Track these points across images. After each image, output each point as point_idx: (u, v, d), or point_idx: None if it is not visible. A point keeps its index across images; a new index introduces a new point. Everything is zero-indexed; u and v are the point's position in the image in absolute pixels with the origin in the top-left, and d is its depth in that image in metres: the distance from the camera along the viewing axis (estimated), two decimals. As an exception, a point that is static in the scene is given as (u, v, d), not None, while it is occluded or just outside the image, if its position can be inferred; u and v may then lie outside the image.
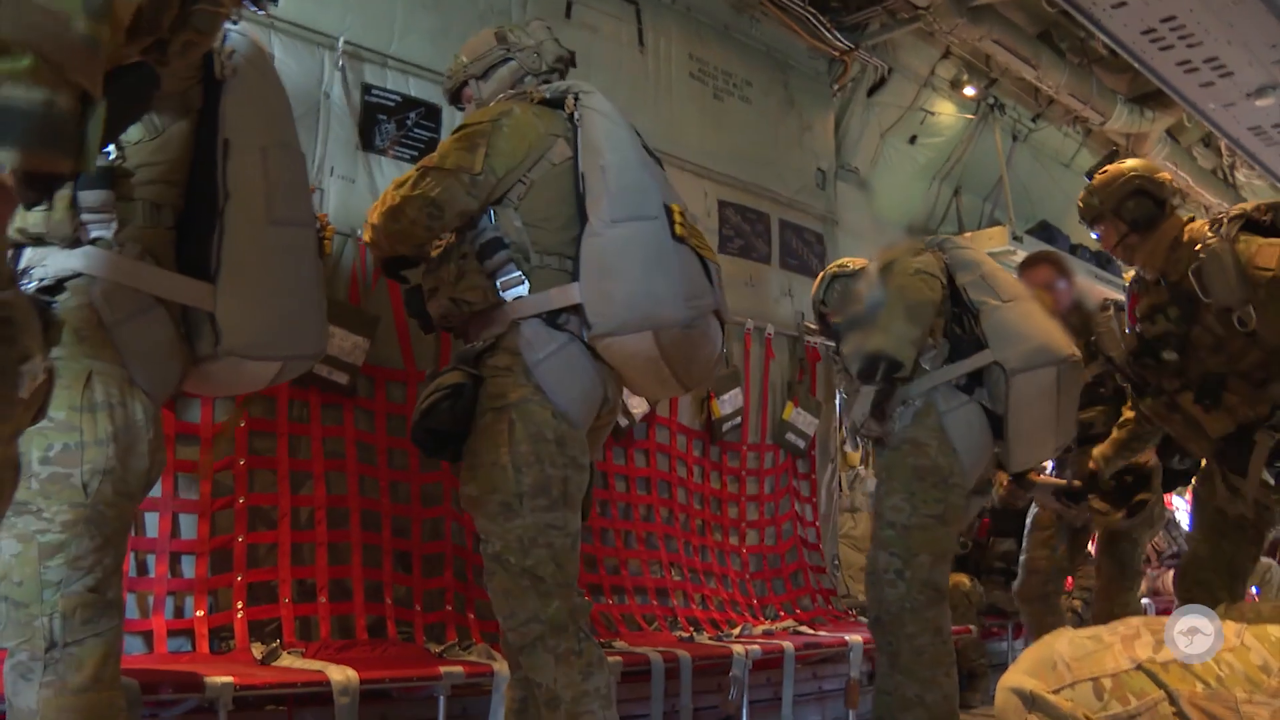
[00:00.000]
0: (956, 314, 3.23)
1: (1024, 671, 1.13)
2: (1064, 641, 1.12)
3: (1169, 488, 4.30)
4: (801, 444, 4.92)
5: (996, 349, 3.10)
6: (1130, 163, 3.54)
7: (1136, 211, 3.37)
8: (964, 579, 5.23)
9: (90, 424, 1.81)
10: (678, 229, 2.38)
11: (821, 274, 4.13)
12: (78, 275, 1.85)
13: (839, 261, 4.16)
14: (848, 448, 5.50)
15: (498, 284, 2.39)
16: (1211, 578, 3.50)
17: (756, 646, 3.74)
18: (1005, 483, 5.01)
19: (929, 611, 3.01)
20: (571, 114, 2.50)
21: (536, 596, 2.26)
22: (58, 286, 1.84)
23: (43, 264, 1.84)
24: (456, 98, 2.79)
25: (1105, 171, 3.51)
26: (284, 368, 2.15)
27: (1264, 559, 7.02)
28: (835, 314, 3.88)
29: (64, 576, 1.77)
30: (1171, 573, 6.89)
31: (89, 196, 1.85)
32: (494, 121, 2.44)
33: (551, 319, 2.38)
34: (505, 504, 2.30)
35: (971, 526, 5.56)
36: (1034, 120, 6.71)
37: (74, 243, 1.85)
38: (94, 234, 1.87)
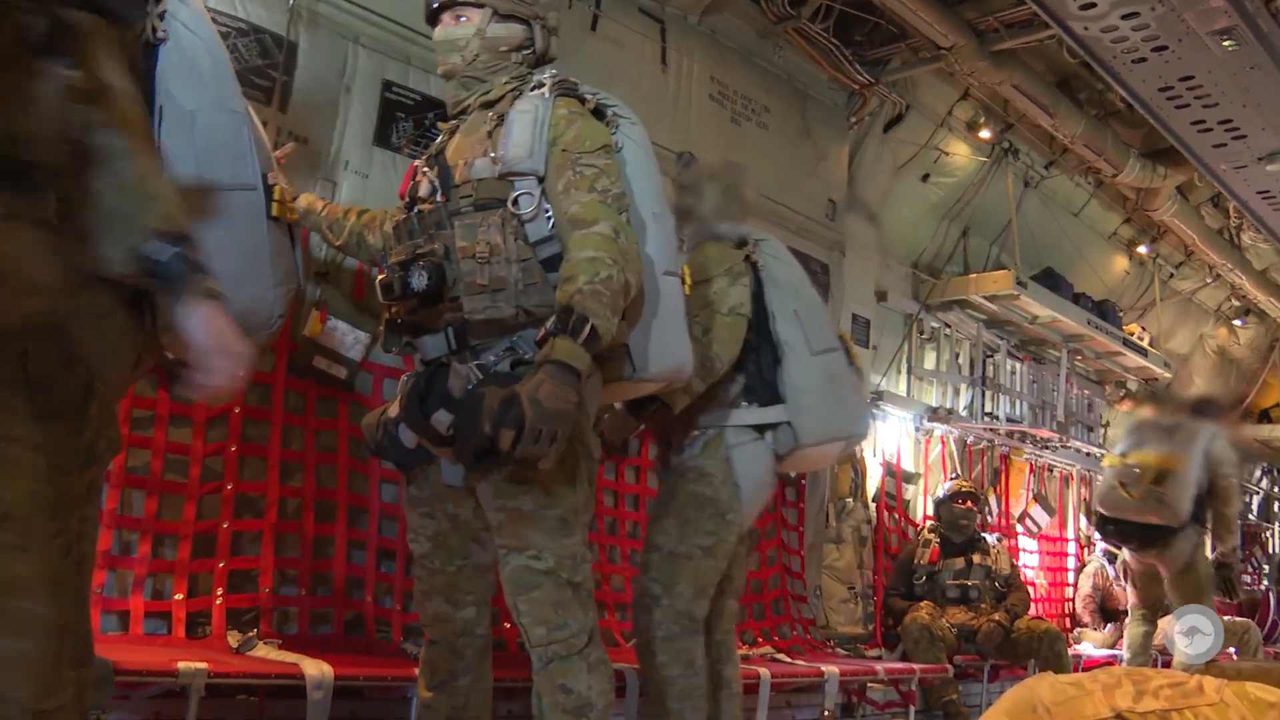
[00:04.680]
0: (756, 345, 3.02)
1: (1003, 713, 1.14)
2: (1045, 686, 1.12)
3: None
4: (792, 472, 4.90)
5: (793, 413, 3.00)
6: None
7: None
8: (924, 614, 5.19)
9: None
10: None
11: None
12: None
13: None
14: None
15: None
16: None
17: (733, 671, 3.72)
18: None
19: (681, 642, 2.89)
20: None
21: (581, 608, 2.25)
22: None
23: None
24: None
25: None
26: None
27: (1241, 620, 7.01)
28: None
29: None
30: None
31: None
32: None
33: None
34: (564, 520, 2.25)
35: (920, 555, 5.52)
36: (1047, 168, 6.74)
37: None
38: None
